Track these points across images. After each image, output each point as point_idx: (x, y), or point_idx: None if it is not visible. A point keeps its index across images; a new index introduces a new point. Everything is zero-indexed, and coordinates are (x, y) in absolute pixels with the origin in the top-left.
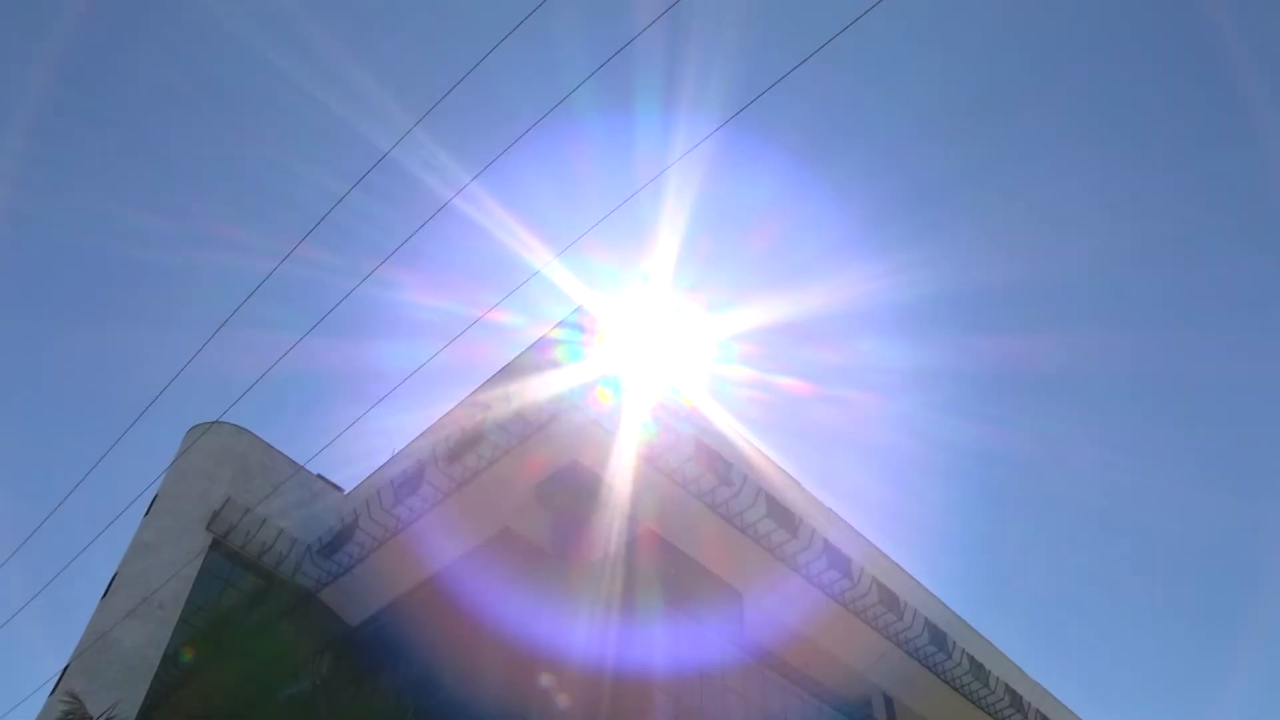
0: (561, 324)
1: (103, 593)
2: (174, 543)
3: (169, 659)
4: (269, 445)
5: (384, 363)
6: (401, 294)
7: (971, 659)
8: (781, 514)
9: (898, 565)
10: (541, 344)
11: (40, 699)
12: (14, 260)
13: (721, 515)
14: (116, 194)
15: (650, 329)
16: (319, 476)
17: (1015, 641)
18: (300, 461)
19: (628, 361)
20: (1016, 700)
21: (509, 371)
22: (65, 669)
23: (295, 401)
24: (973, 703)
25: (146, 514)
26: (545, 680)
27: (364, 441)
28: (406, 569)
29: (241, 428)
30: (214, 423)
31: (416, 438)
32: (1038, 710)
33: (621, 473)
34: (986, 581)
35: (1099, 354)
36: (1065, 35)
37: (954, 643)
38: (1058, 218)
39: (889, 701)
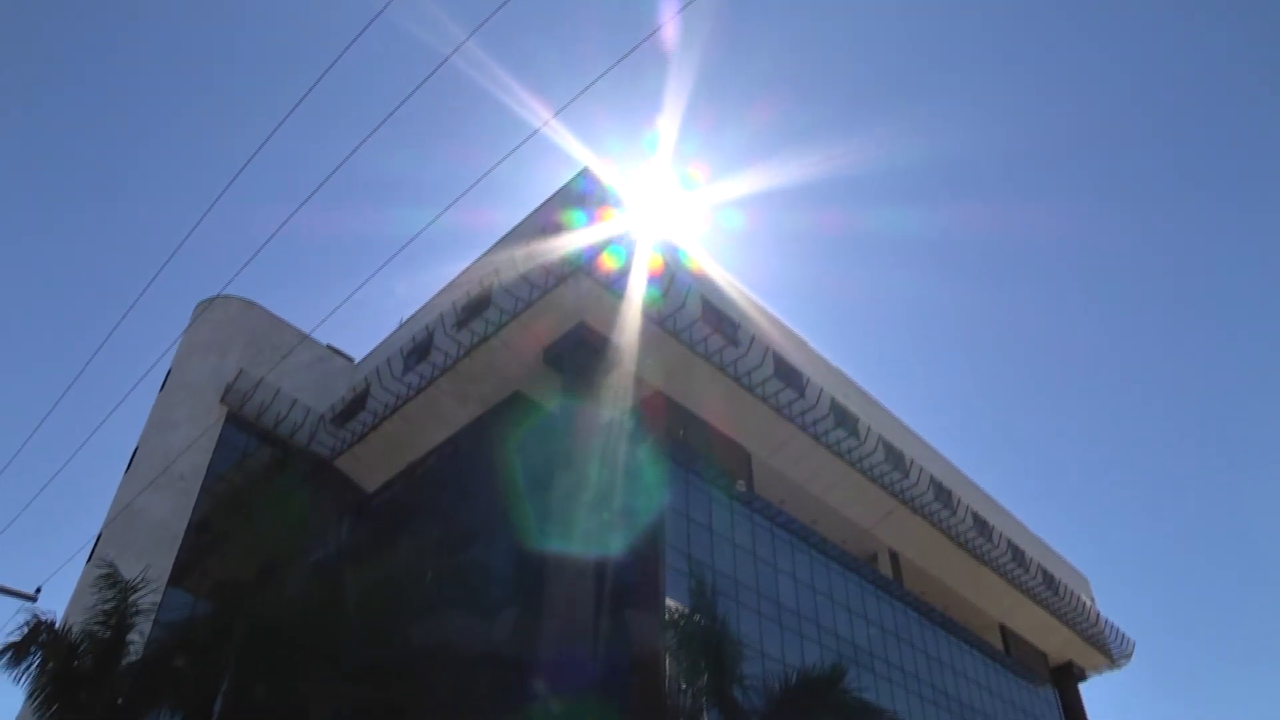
0: (567, 187)
1: (126, 466)
2: (190, 416)
3: (193, 528)
4: (277, 317)
5: (387, 230)
6: (402, 159)
7: (975, 515)
8: (789, 373)
9: (903, 423)
10: (547, 208)
11: (74, 567)
12: (17, 134)
13: (729, 376)
14: (114, 67)
15: (656, 193)
16: (329, 347)
17: (1018, 498)
18: (309, 333)
19: (634, 225)
20: (1019, 555)
21: (515, 236)
22: (97, 539)
23: (300, 273)
24: (976, 557)
25: (161, 389)
26: (559, 538)
27: (372, 309)
28: (419, 435)
29: (249, 301)
30: (220, 296)
31: (424, 305)
32: (1039, 565)
33: (629, 335)
34: (990, 438)
35: (1094, 223)
36: None
37: (958, 499)
38: (1060, 86)
39: (895, 557)
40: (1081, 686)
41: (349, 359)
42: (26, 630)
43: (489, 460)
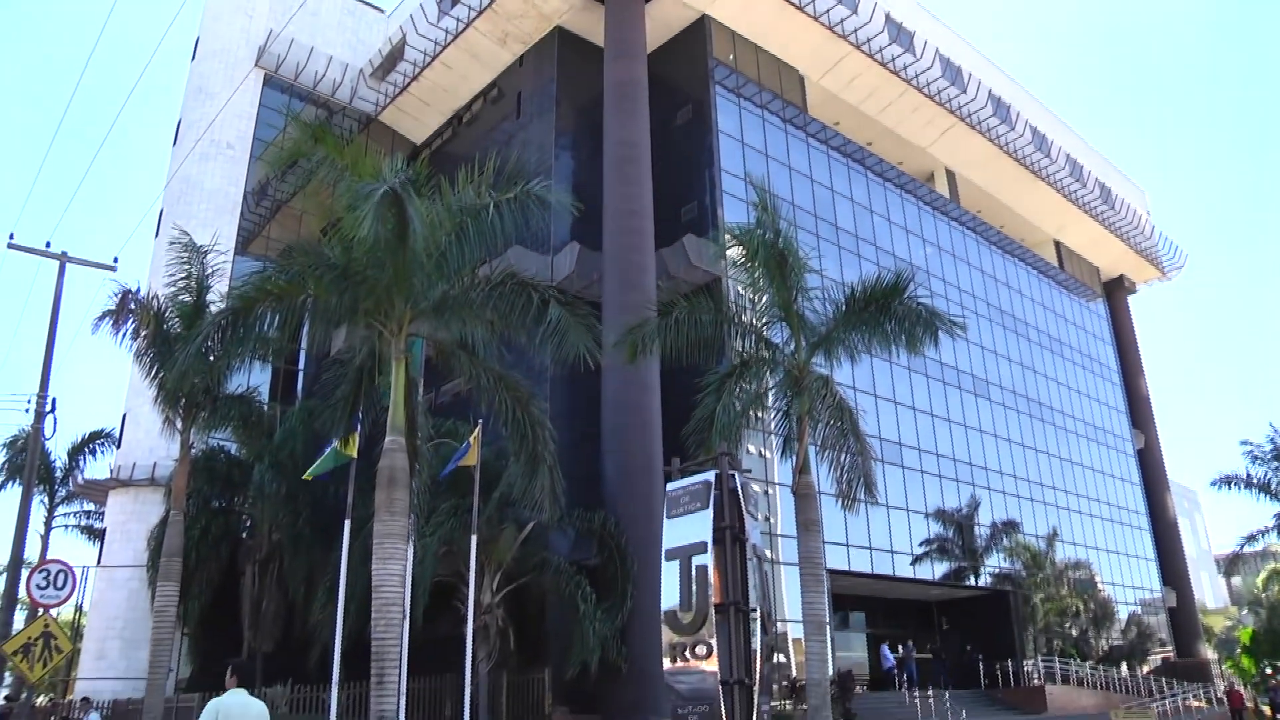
0: None
1: (173, 141)
2: (227, 83)
3: (251, 195)
4: None
5: None
6: None
7: (1034, 130)
8: None
9: (960, 36)
10: None
11: (142, 243)
12: None
13: None
14: None
15: None
16: None
17: (1079, 110)
18: None
19: None
20: (1076, 169)
21: None
22: (160, 213)
23: None
24: (1034, 173)
25: (193, 59)
26: (614, 169)
27: None
28: (462, 81)
29: None
30: None
31: None
32: (1096, 179)
33: None
34: (1049, 48)
35: None
36: None
37: (1017, 114)
38: None
39: (951, 176)
40: (1131, 300)
41: (379, 9)
42: (117, 299)
43: (537, 100)
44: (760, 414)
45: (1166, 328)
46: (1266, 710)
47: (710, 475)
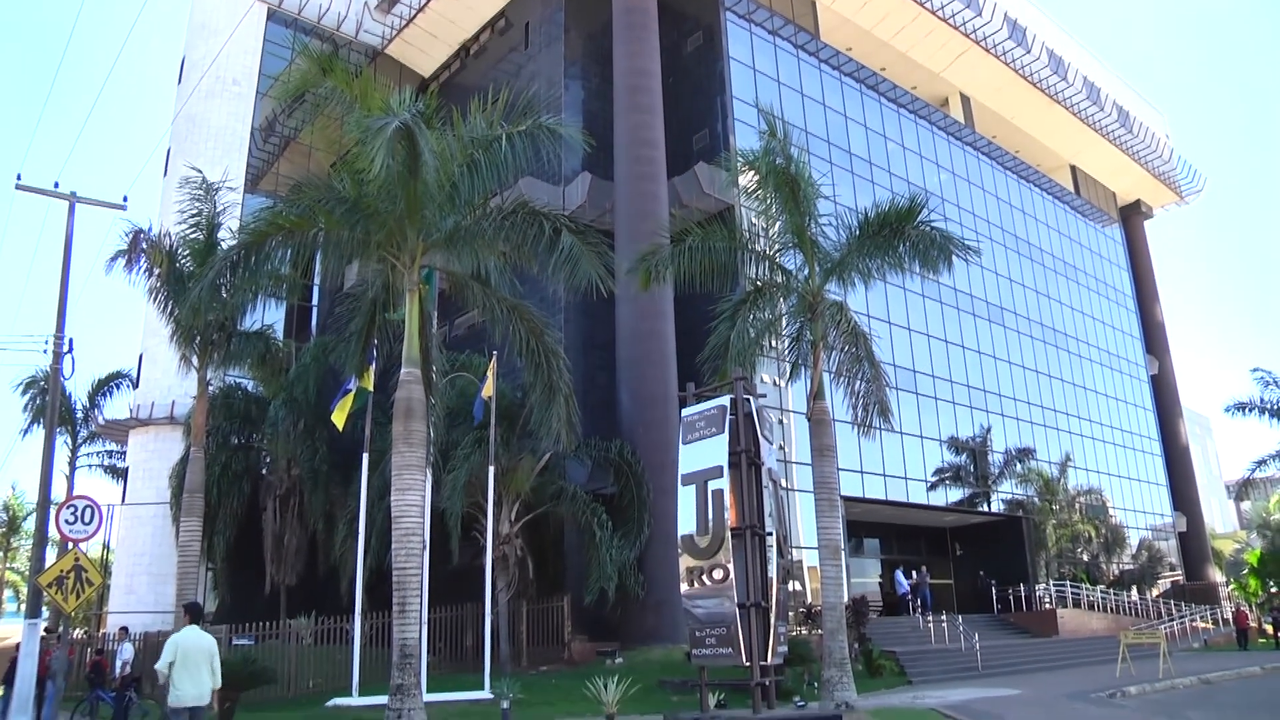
0: None
1: (178, 79)
2: (230, 18)
3: (258, 132)
4: None
5: None
6: None
7: (1051, 52)
8: None
9: None
10: None
11: (148, 176)
12: None
13: None
14: None
15: None
16: None
17: (1097, 32)
18: None
19: None
20: (1094, 92)
21: None
22: (168, 152)
23: None
24: (1050, 97)
25: None
26: (624, 99)
27: None
28: (469, 11)
29: None
30: None
31: None
32: (1115, 101)
33: None
34: None
35: None
36: None
37: (1034, 36)
38: None
39: (966, 101)
40: (1147, 225)
41: None
42: (129, 238)
43: (545, 29)
44: (774, 342)
45: (1183, 252)
46: (1269, 629)
47: (725, 400)
